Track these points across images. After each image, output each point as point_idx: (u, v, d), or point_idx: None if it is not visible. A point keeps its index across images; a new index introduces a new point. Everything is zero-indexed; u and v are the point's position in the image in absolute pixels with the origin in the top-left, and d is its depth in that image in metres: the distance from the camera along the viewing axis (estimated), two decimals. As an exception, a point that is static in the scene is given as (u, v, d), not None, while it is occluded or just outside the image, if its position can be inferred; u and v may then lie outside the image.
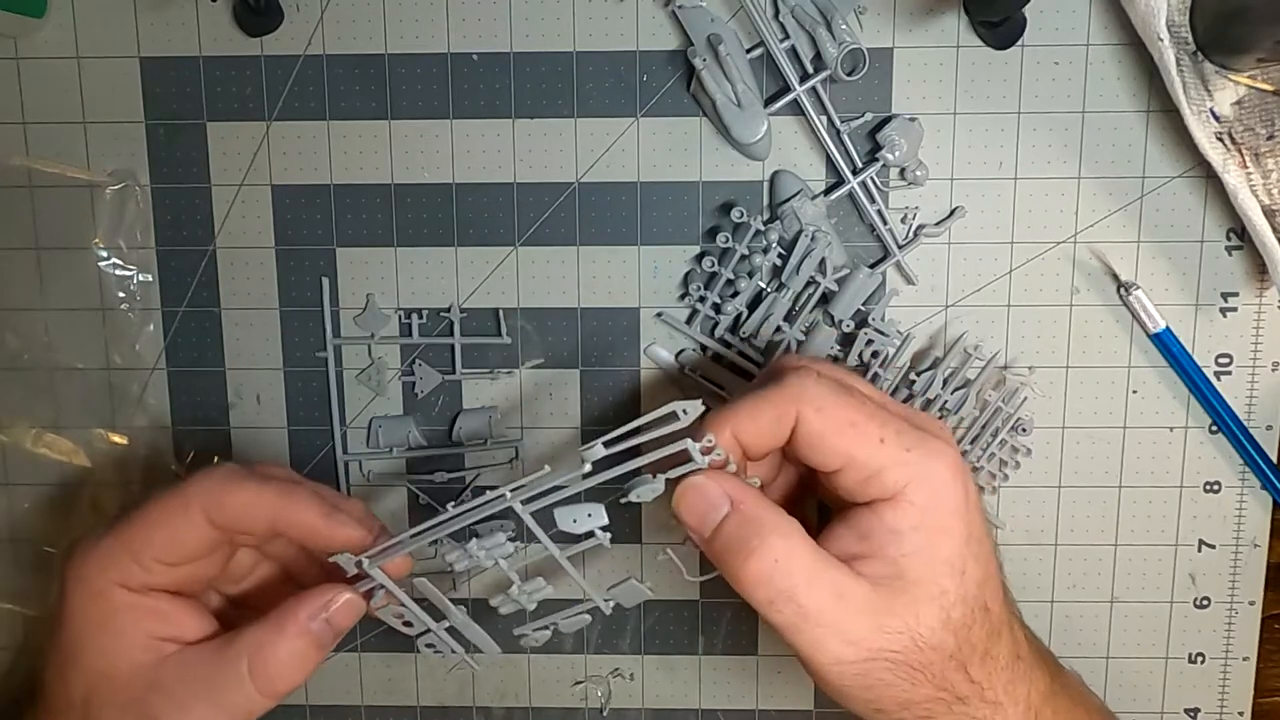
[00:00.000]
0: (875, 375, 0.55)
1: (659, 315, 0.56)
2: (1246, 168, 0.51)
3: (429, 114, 0.55)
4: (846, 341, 0.55)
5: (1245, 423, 0.55)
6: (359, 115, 0.55)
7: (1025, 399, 0.56)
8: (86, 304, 0.57)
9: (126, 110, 0.55)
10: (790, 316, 0.55)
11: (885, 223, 0.54)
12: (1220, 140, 0.50)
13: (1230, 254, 0.54)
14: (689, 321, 0.56)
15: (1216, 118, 0.50)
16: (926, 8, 0.53)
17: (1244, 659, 0.58)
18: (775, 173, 0.54)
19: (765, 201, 0.55)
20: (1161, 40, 0.49)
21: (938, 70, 0.53)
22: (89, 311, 0.57)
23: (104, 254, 0.56)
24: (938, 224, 0.55)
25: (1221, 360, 0.55)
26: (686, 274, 0.56)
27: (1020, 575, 0.58)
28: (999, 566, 0.45)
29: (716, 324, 0.56)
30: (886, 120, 0.53)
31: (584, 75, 0.54)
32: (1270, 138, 0.50)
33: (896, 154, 0.53)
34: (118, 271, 0.56)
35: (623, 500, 0.44)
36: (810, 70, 0.53)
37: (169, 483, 0.46)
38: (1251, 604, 0.58)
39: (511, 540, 0.47)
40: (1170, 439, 0.56)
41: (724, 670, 0.60)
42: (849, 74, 0.52)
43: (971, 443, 0.56)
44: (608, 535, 0.45)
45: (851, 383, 0.44)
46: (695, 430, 0.42)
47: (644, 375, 0.57)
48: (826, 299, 0.55)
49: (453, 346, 0.57)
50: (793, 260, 0.54)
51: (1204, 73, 0.50)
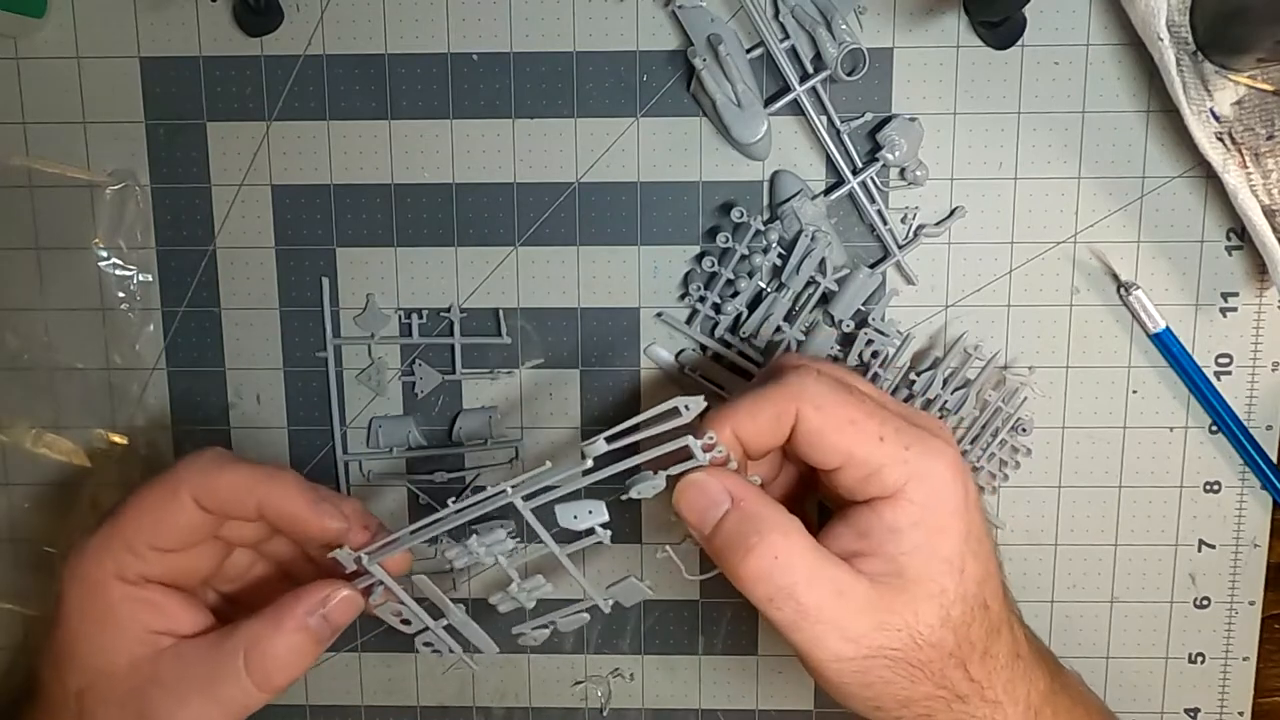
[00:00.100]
0: (875, 375, 0.55)
1: (659, 315, 0.56)
2: (1246, 168, 0.51)
3: (429, 114, 0.55)
4: (846, 341, 0.55)
5: (1245, 423, 0.55)
6: (359, 115, 0.55)
7: (1025, 399, 0.56)
8: (86, 304, 0.57)
9: (126, 110, 0.55)
10: (790, 316, 0.55)
11: (885, 223, 0.54)
12: (1220, 140, 0.50)
13: (1230, 254, 0.54)
14: (689, 321, 0.56)
15: (1216, 118, 0.50)
16: (926, 8, 0.53)
17: (1244, 659, 0.58)
18: (775, 173, 0.54)
19: (765, 201, 0.55)
20: (1161, 40, 0.49)
21: (938, 70, 0.53)
22: (89, 311, 0.57)
23: (104, 254, 0.56)
24: (938, 224, 0.55)
25: (1221, 360, 0.55)
26: (686, 274, 0.56)
27: (1020, 575, 0.58)
28: (999, 565, 0.45)
29: (716, 324, 0.56)
30: (886, 120, 0.53)
31: (584, 75, 0.54)
32: (1270, 138, 0.50)
33: (896, 154, 0.53)
34: (118, 271, 0.56)
35: (624, 497, 0.44)
36: (810, 70, 0.53)
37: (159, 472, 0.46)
38: (1251, 604, 0.58)
39: (512, 537, 0.47)
40: (1170, 439, 0.56)
41: (724, 670, 0.60)
42: (849, 74, 0.52)
43: (971, 443, 0.56)
44: (608, 533, 0.45)
45: (851, 381, 0.45)
46: (696, 428, 0.42)
47: (644, 375, 0.57)
48: (826, 299, 0.55)
49: (453, 346, 0.57)
50: (793, 260, 0.54)
51: (1204, 73, 0.50)
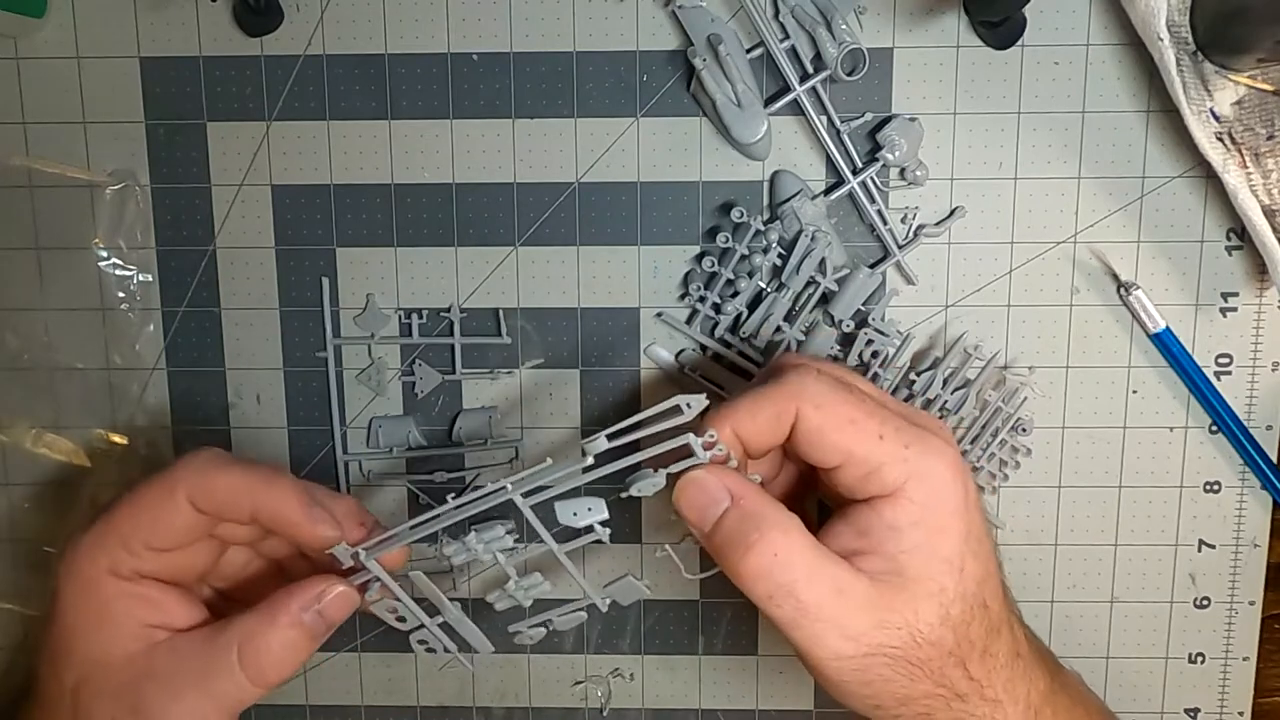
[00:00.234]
0: (875, 375, 0.55)
1: (659, 315, 0.56)
2: (1246, 168, 0.51)
3: (429, 114, 0.55)
4: (846, 341, 0.55)
5: (1245, 423, 0.55)
6: (359, 115, 0.55)
7: (1025, 399, 0.56)
8: (86, 304, 0.57)
9: (126, 110, 0.55)
10: (790, 316, 0.55)
11: (885, 223, 0.54)
12: (1220, 140, 0.50)
13: (1230, 254, 0.54)
14: (689, 321, 0.56)
15: (1216, 118, 0.50)
16: (926, 8, 0.53)
17: (1244, 659, 0.58)
18: (775, 173, 0.54)
19: (765, 201, 0.55)
20: (1161, 40, 0.49)
21: (938, 70, 0.53)
22: (89, 311, 0.57)
23: (104, 254, 0.56)
24: (938, 224, 0.55)
25: (1221, 360, 0.55)
26: (686, 274, 0.56)
27: (1020, 575, 0.58)
28: (998, 565, 0.45)
29: (716, 324, 0.56)
30: (886, 120, 0.54)
31: (584, 75, 0.54)
32: (1270, 138, 0.50)
33: (896, 154, 0.53)
34: (118, 271, 0.56)
35: (624, 494, 0.44)
36: (810, 70, 0.53)
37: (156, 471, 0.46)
38: (1251, 604, 0.58)
39: (511, 534, 0.47)
40: (1170, 439, 0.56)
41: (724, 670, 0.60)
42: (849, 74, 0.52)
43: (971, 443, 0.56)
44: (608, 531, 0.45)
45: (851, 380, 0.45)
46: (696, 427, 0.42)
47: (644, 375, 0.57)
48: (826, 299, 0.55)
49: (453, 346, 0.57)
50: (793, 260, 0.54)
51: (1204, 73, 0.50)
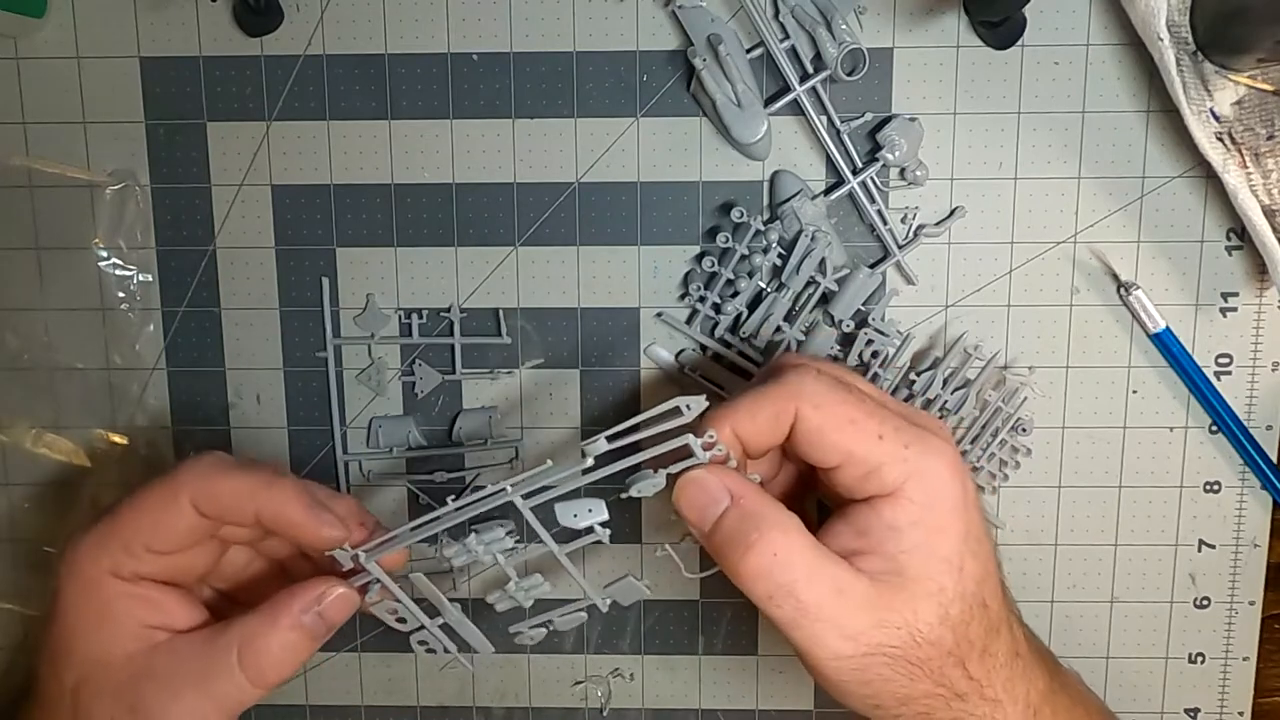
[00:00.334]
0: (875, 375, 0.55)
1: (659, 315, 0.56)
2: (1246, 168, 0.51)
3: (429, 114, 0.55)
4: (846, 341, 0.55)
5: (1245, 423, 0.55)
6: (359, 115, 0.55)
7: (1025, 399, 0.56)
8: (86, 304, 0.57)
9: (126, 110, 0.55)
10: (790, 316, 0.55)
11: (885, 223, 0.54)
12: (1220, 140, 0.50)
13: (1230, 254, 0.54)
14: (689, 321, 0.56)
15: (1216, 118, 0.50)
16: (926, 8, 0.53)
17: (1244, 659, 0.58)
18: (775, 173, 0.54)
19: (765, 201, 0.55)
20: (1161, 40, 0.49)
21: (938, 70, 0.53)
22: (89, 311, 0.57)
23: (104, 254, 0.56)
24: (938, 224, 0.55)
25: (1221, 360, 0.55)
26: (686, 274, 0.56)
27: (1020, 575, 0.58)
28: (998, 564, 0.45)
29: (716, 324, 0.56)
30: (886, 120, 0.53)
31: (584, 75, 0.54)
32: (1270, 138, 0.50)
33: (896, 154, 0.53)
34: (118, 271, 0.56)
35: (624, 495, 0.44)
36: (810, 70, 0.53)
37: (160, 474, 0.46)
38: (1251, 604, 0.58)
39: (511, 535, 0.47)
40: (1170, 439, 0.56)
41: (724, 670, 0.60)
42: (849, 74, 0.52)
43: (971, 443, 0.56)
44: (608, 531, 0.45)
45: (850, 380, 0.45)
46: (696, 427, 0.42)
47: (644, 375, 0.57)
48: (826, 299, 0.55)
49: (453, 346, 0.57)
50: (793, 260, 0.54)
51: (1204, 73, 0.50)
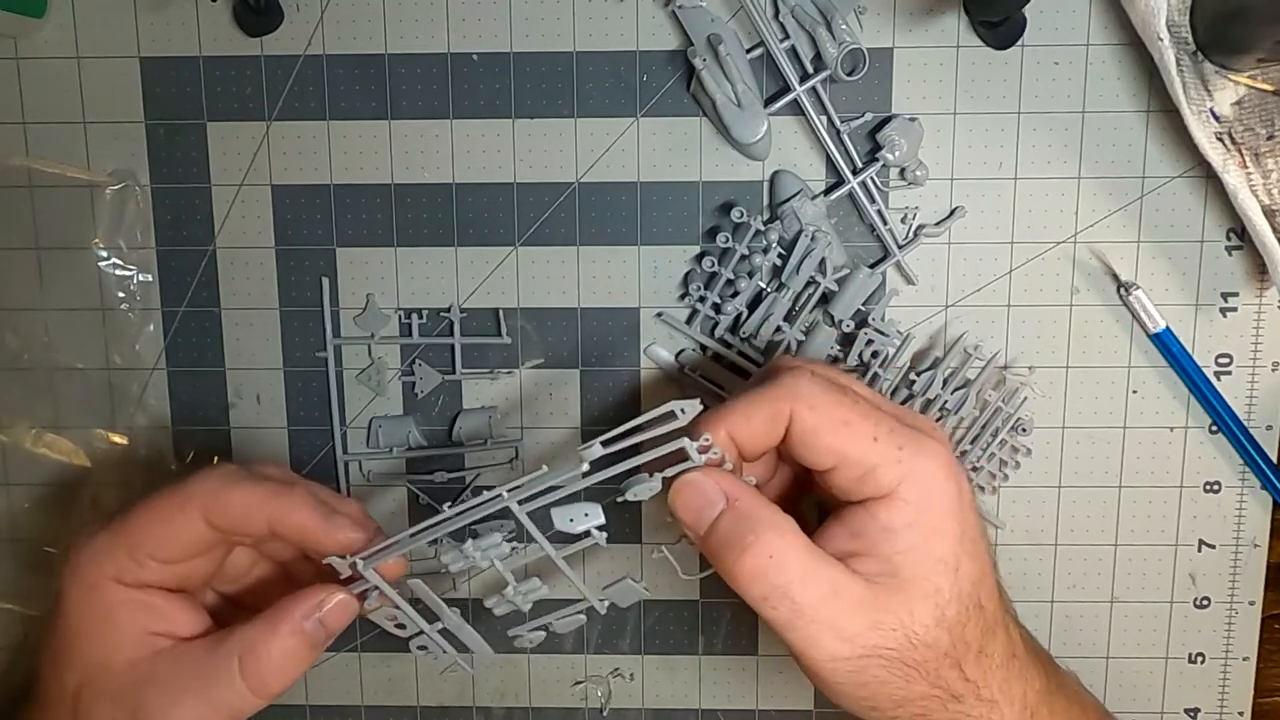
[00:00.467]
0: (875, 375, 0.55)
1: (659, 315, 0.56)
2: (1246, 168, 0.50)
3: (429, 114, 0.55)
4: (846, 341, 0.55)
5: (1245, 423, 0.55)
6: (359, 115, 0.55)
7: (1025, 399, 0.56)
8: (86, 304, 0.57)
9: (126, 110, 0.55)
10: (790, 316, 0.55)
11: (885, 223, 0.54)
12: (1220, 140, 0.50)
13: (1230, 254, 0.54)
14: (689, 321, 0.56)
15: (1216, 118, 0.50)
16: (926, 8, 0.53)
17: (1244, 659, 0.58)
18: (775, 173, 0.54)
19: (765, 201, 0.55)
20: (1161, 40, 0.49)
21: (938, 70, 0.53)
22: (89, 311, 0.57)
23: (104, 254, 0.56)
24: (938, 224, 0.55)
25: (1221, 360, 0.55)
26: (686, 274, 0.56)
27: (1020, 575, 0.58)
28: (994, 565, 0.45)
29: (716, 324, 0.55)
30: (886, 120, 0.53)
31: (584, 75, 0.54)
32: (1270, 138, 0.50)
33: (896, 154, 0.53)
34: (118, 271, 0.56)
35: (619, 499, 0.44)
36: (810, 70, 0.53)
37: (169, 481, 0.46)
38: (1251, 604, 0.58)
39: (509, 541, 0.47)
40: (1170, 439, 0.56)
41: (724, 670, 0.60)
42: (849, 74, 0.52)
43: (971, 443, 0.56)
44: (604, 535, 0.45)
45: (845, 383, 0.44)
46: (691, 430, 0.42)
47: (644, 375, 0.57)
48: (826, 299, 0.55)
49: (453, 346, 0.57)
50: (793, 260, 0.54)
51: (1204, 73, 0.50)
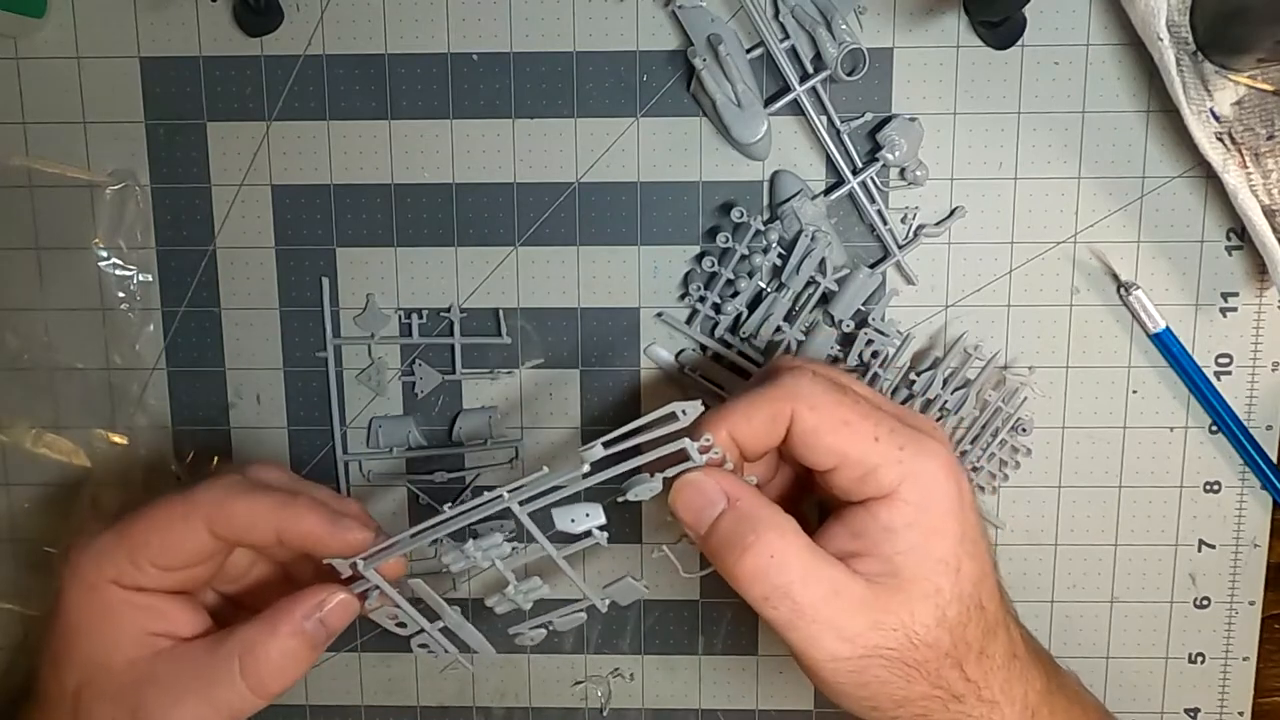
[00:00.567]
0: (875, 375, 0.55)
1: (659, 315, 0.56)
2: (1246, 168, 0.50)
3: (429, 114, 0.55)
4: (846, 341, 0.55)
5: (1245, 423, 0.55)
6: (359, 115, 0.55)
7: (1025, 399, 0.56)
8: (86, 304, 0.57)
9: (126, 110, 0.55)
10: (790, 316, 0.55)
11: (885, 223, 0.54)
12: (1220, 140, 0.50)
13: (1230, 254, 0.54)
14: (689, 321, 0.56)
15: (1216, 118, 0.50)
16: (926, 8, 0.53)
17: (1244, 659, 0.58)
18: (775, 173, 0.54)
19: (765, 201, 0.55)
20: (1161, 40, 0.49)
21: (938, 70, 0.53)
22: (89, 311, 0.57)
23: (104, 254, 0.56)
24: (938, 224, 0.55)
25: (1221, 360, 0.55)
26: (686, 274, 0.56)
27: (1020, 575, 0.58)
28: (994, 565, 0.45)
29: (716, 324, 0.55)
30: (886, 120, 0.53)
31: (584, 75, 0.54)
32: (1270, 138, 0.50)
33: (896, 154, 0.53)
34: (118, 271, 0.56)
35: (620, 500, 0.44)
36: (810, 70, 0.53)
37: (170, 484, 0.46)
38: (1251, 604, 0.58)
39: (509, 540, 0.47)
40: (1170, 439, 0.56)
41: (724, 670, 0.60)
42: (849, 74, 0.52)
43: (971, 443, 0.56)
44: (605, 535, 0.45)
45: (846, 383, 0.44)
46: (692, 430, 0.42)
47: (644, 375, 0.57)
48: (826, 299, 0.55)
49: (453, 346, 0.57)
50: (793, 260, 0.54)
51: (1204, 73, 0.50)
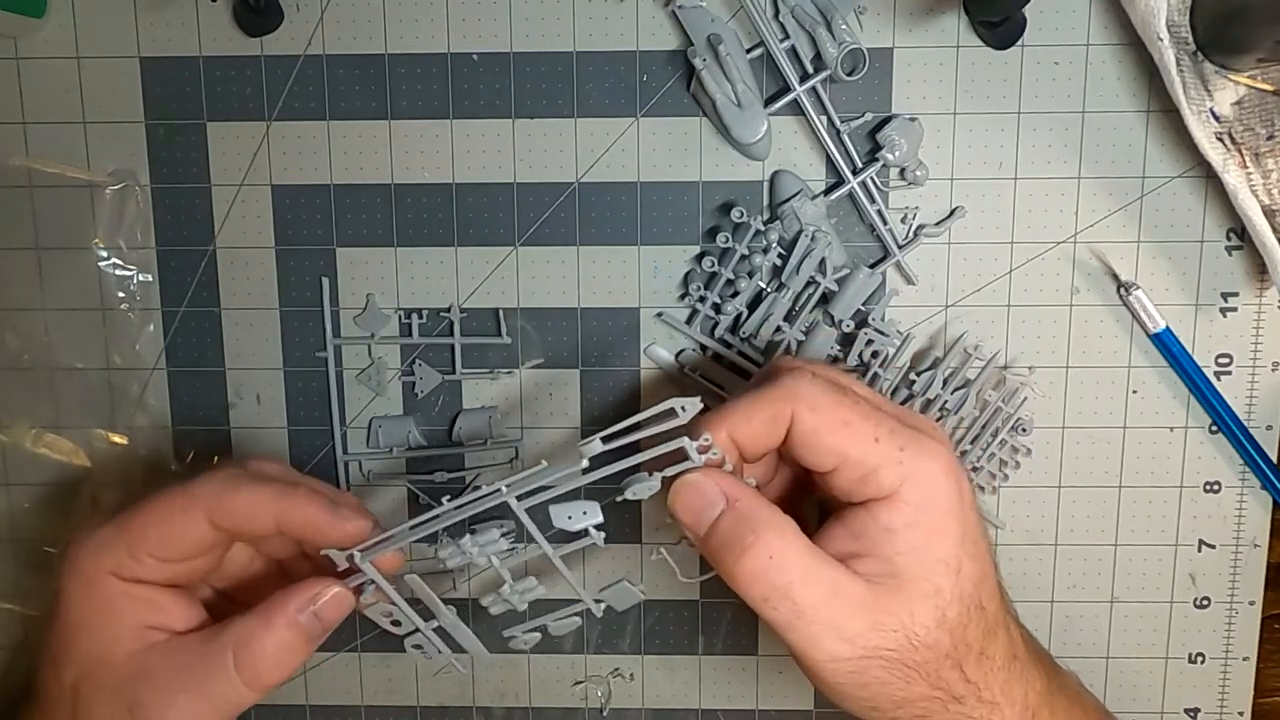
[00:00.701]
0: (875, 375, 0.55)
1: (659, 315, 0.56)
2: (1246, 168, 0.50)
3: (429, 114, 0.55)
4: (846, 341, 0.55)
5: (1245, 423, 0.55)
6: (359, 115, 0.55)
7: (1025, 399, 0.56)
8: (86, 304, 0.57)
9: (126, 110, 0.55)
10: (790, 316, 0.55)
11: (885, 223, 0.54)
12: (1220, 140, 0.50)
13: (1230, 254, 0.54)
14: (689, 321, 0.56)
15: (1216, 118, 0.50)
16: (926, 8, 0.53)
17: (1244, 659, 0.58)
18: (775, 173, 0.54)
19: (765, 201, 0.55)
20: (1161, 40, 0.49)
21: (938, 70, 0.53)
22: (89, 311, 0.57)
23: (104, 254, 0.56)
24: (938, 224, 0.55)
25: (1221, 360, 0.55)
26: (686, 274, 0.56)
27: (1020, 575, 0.58)
28: (994, 566, 0.45)
29: (716, 324, 0.55)
30: (886, 120, 0.53)
31: (584, 75, 0.54)
32: (1270, 138, 0.50)
33: (896, 154, 0.53)
34: (118, 271, 0.56)
35: (619, 498, 0.44)
36: (810, 70, 0.53)
37: (171, 481, 0.46)
38: (1251, 604, 0.58)
39: (506, 536, 0.47)
40: (1170, 439, 0.56)
41: (724, 670, 0.60)
42: (849, 74, 0.52)
43: (971, 443, 0.56)
44: (602, 535, 0.45)
45: (846, 383, 0.44)
46: (691, 430, 0.42)
47: (644, 375, 0.57)
48: (826, 299, 0.55)
49: (453, 346, 0.57)
50: (793, 260, 0.54)
51: (1204, 73, 0.50)
